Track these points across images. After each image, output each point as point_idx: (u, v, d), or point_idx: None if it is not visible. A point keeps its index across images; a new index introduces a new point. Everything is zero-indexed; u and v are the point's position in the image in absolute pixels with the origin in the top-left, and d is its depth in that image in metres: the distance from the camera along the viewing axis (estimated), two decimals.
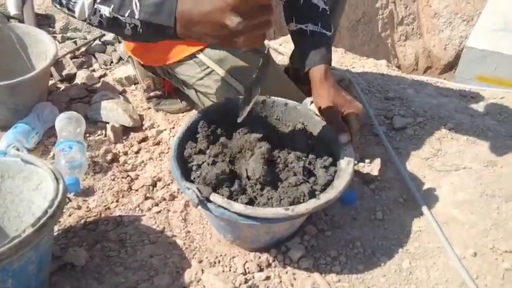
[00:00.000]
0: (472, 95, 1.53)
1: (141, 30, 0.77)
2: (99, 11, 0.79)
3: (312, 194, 0.85)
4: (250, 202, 0.84)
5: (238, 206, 0.79)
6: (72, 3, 0.81)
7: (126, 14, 0.76)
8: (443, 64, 3.57)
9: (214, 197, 0.81)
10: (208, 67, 1.14)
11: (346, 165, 0.90)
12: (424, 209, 1.06)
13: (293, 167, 0.89)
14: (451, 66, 3.50)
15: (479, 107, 1.45)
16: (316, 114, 1.00)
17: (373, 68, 1.71)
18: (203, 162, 0.89)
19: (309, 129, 1.01)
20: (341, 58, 1.79)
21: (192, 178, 0.88)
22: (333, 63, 1.69)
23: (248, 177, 0.87)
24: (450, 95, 1.54)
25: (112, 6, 0.77)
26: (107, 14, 0.79)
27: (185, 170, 0.88)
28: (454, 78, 2.78)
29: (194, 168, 0.90)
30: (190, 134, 0.94)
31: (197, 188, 0.80)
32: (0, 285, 0.72)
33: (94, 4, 0.80)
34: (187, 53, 1.15)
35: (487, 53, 2.45)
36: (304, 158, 0.91)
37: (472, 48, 2.51)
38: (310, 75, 0.97)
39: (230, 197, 0.83)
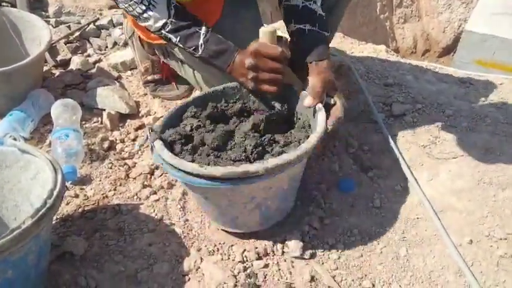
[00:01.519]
0: (471, 81, 1.52)
1: (197, 59, 1.01)
2: (166, 36, 1.00)
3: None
4: None
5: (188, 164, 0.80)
6: (142, 18, 0.99)
7: (192, 48, 0.98)
8: (441, 47, 3.54)
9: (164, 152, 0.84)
10: None
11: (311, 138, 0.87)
12: (422, 196, 1.07)
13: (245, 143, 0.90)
14: (449, 50, 3.47)
15: (478, 93, 1.45)
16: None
17: (372, 53, 1.70)
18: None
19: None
20: (339, 43, 1.77)
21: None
22: (332, 48, 1.67)
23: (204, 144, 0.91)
24: (449, 81, 1.53)
25: (179, 38, 0.98)
26: (173, 41, 1.00)
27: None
28: (452, 62, 2.76)
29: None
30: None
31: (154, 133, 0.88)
32: (1, 275, 0.72)
33: (162, 30, 0.99)
34: None
35: (486, 37, 2.42)
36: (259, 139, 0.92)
37: (471, 32, 2.48)
38: (310, 68, 0.97)
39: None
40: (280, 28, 1.23)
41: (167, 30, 0.98)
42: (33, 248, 0.77)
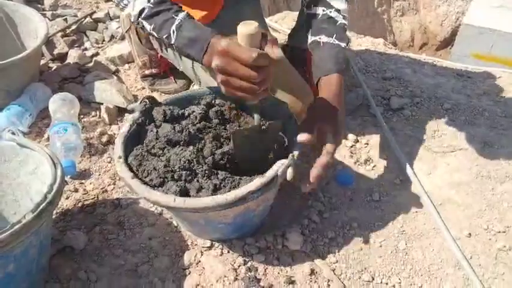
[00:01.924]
0: (469, 75, 1.53)
1: (175, 49, 0.87)
2: (142, 24, 0.89)
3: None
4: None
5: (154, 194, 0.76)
6: (122, 5, 0.90)
7: (164, 36, 0.86)
8: (439, 40, 3.54)
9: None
10: None
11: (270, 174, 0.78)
12: (421, 190, 1.08)
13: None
14: (447, 43, 3.47)
15: (476, 87, 1.45)
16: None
17: (370, 46, 1.69)
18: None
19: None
20: None
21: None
22: None
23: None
24: (447, 74, 1.53)
25: (153, 25, 0.87)
26: (148, 30, 0.89)
27: None
28: (450, 55, 2.76)
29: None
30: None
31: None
32: (2, 270, 0.72)
33: (138, 17, 0.88)
34: None
35: (484, 30, 2.43)
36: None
37: (468, 25, 2.48)
38: (319, 84, 0.91)
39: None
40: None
41: (143, 16, 0.87)
42: (34, 242, 0.77)
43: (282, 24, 1.83)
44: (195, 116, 0.91)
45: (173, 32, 0.84)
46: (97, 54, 1.59)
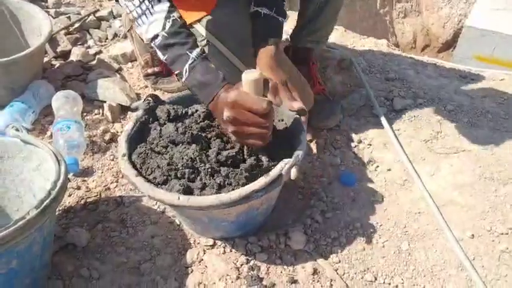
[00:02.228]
0: (472, 77, 1.53)
1: (184, 84, 0.89)
2: (156, 52, 0.90)
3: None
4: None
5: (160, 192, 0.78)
6: (137, 23, 0.89)
7: (176, 71, 0.87)
8: (441, 43, 3.54)
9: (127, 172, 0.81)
10: (204, 38, 1.11)
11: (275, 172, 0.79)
12: (423, 191, 1.07)
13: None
14: (449, 45, 3.47)
15: (479, 88, 1.45)
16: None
17: (373, 47, 1.69)
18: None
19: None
20: (341, 37, 1.76)
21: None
22: (333, 42, 1.67)
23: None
24: (450, 76, 1.53)
25: (166, 57, 0.87)
26: (161, 58, 0.89)
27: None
28: (452, 57, 2.76)
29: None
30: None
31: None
32: (6, 266, 0.72)
33: (152, 42, 0.88)
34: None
35: (486, 33, 2.42)
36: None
37: (471, 27, 2.48)
38: (258, 54, 0.95)
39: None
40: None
41: (157, 44, 0.87)
42: (37, 238, 0.77)
43: (285, 24, 1.83)
44: (199, 114, 0.91)
45: (185, 71, 0.85)
46: (100, 52, 1.58)
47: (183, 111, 0.92)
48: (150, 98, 0.91)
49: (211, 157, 0.82)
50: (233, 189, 0.77)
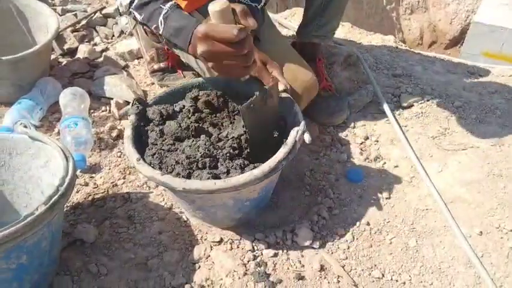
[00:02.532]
0: (480, 73, 1.51)
1: (164, 39, 0.89)
2: (134, 14, 0.91)
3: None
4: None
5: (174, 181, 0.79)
6: None
7: (153, 27, 0.88)
8: (448, 39, 3.51)
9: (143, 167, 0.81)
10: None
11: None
12: (431, 187, 1.07)
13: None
14: (456, 42, 3.44)
15: (488, 85, 1.44)
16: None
17: (380, 43, 1.68)
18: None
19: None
20: (348, 33, 1.75)
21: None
22: (340, 38, 1.66)
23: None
24: (458, 72, 1.52)
25: (143, 16, 0.89)
26: (139, 20, 0.91)
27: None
28: (459, 53, 2.74)
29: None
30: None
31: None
32: (16, 261, 0.72)
33: (130, 7, 0.90)
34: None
35: (495, 29, 2.40)
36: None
37: (479, 23, 2.45)
38: None
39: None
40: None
41: (134, 7, 0.88)
42: (46, 234, 0.77)
43: (291, 20, 1.82)
44: (188, 109, 0.92)
45: (161, 22, 0.85)
46: (107, 49, 1.59)
47: (172, 109, 0.93)
48: (137, 103, 0.91)
49: (225, 142, 0.85)
50: (255, 167, 0.80)
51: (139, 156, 0.83)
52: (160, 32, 0.86)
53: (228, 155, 0.83)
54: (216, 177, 0.81)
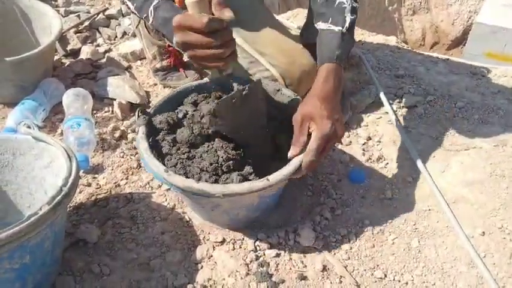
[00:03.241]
0: (483, 73, 1.51)
1: (153, 29, 0.91)
2: (126, 3, 0.93)
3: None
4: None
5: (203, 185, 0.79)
6: None
7: (144, 16, 0.89)
8: (450, 40, 3.50)
9: (172, 177, 0.80)
10: None
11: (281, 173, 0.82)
12: (433, 188, 1.07)
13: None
14: (458, 42, 3.43)
15: (490, 85, 1.44)
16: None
17: (382, 44, 1.68)
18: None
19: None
20: None
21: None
22: None
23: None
24: (461, 72, 1.52)
25: (135, 5, 0.90)
26: (131, 9, 0.92)
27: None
28: (462, 54, 2.73)
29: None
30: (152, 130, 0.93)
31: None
32: (19, 261, 0.73)
33: None
34: None
35: (497, 29, 2.39)
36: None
37: (481, 23, 2.45)
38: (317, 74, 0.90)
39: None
40: None
41: None
42: (49, 234, 0.77)
43: (294, 21, 1.83)
44: (192, 115, 0.92)
45: (151, 12, 0.86)
46: (109, 50, 1.60)
47: (176, 116, 0.94)
48: (141, 113, 0.91)
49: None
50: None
51: (166, 167, 0.82)
52: (150, 22, 0.87)
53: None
54: (245, 178, 0.83)
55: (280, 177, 0.80)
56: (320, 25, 0.92)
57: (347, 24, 0.89)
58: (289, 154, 0.83)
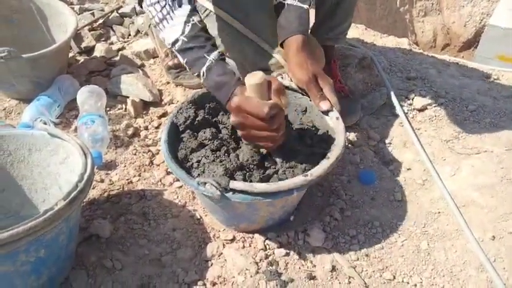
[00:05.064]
0: (495, 77, 1.51)
1: (205, 87, 0.92)
2: (175, 54, 0.93)
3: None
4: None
5: (260, 186, 0.79)
6: (159, 28, 0.92)
7: (195, 74, 0.90)
8: (462, 42, 3.48)
9: (233, 183, 0.79)
10: (206, 9, 1.12)
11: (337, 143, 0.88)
12: (444, 191, 1.07)
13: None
14: (470, 44, 3.41)
15: (502, 89, 1.43)
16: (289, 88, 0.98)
17: (394, 46, 1.68)
18: (201, 159, 0.89)
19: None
20: (362, 35, 1.75)
21: (195, 176, 0.87)
22: (354, 40, 1.66)
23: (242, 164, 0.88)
24: (473, 76, 1.51)
25: (186, 60, 0.90)
26: (182, 62, 0.92)
27: (184, 168, 0.88)
28: (473, 57, 2.71)
29: (195, 165, 0.89)
30: (174, 132, 0.95)
31: (215, 181, 0.79)
32: (35, 254, 0.74)
33: (172, 47, 0.90)
34: None
35: (510, 32, 2.37)
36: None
37: (494, 26, 2.43)
38: (285, 45, 0.95)
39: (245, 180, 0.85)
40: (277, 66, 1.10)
41: (177, 48, 0.90)
42: (64, 229, 0.79)
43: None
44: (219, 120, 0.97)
45: (203, 73, 0.87)
46: (123, 48, 1.61)
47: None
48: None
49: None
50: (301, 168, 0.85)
51: (200, 180, 0.81)
52: (202, 82, 0.89)
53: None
54: (268, 179, 0.85)
55: (322, 171, 0.81)
56: (287, 0, 0.97)
57: (312, 2, 0.99)
58: (324, 108, 0.89)
